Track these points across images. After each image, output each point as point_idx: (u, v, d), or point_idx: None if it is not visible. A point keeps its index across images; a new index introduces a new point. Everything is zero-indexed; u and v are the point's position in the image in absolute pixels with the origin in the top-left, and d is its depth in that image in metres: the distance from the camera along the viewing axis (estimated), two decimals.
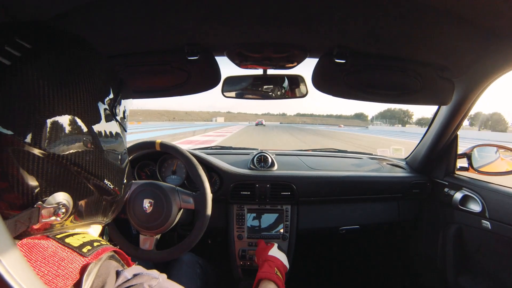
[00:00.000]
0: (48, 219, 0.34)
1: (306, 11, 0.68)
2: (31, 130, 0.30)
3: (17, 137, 0.30)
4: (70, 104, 0.34)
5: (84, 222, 0.41)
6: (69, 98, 0.34)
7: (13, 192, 0.31)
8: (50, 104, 0.32)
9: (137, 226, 0.90)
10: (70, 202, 0.36)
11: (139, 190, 0.91)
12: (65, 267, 0.32)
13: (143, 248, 0.93)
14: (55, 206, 0.34)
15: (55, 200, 0.34)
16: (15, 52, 0.30)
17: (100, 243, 0.38)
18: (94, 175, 0.38)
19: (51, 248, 0.33)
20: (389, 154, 1.86)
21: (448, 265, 1.23)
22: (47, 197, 0.33)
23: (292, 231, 1.27)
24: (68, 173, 0.35)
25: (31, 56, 0.31)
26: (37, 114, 0.31)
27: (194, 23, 0.75)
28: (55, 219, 0.34)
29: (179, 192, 0.94)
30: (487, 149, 1.26)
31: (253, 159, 1.37)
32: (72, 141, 0.34)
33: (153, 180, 0.95)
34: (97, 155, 0.38)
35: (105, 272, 0.35)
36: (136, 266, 0.40)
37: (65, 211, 0.35)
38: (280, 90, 1.01)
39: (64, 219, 0.36)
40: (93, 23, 0.71)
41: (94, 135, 0.37)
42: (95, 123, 0.37)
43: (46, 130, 0.31)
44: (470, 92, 1.01)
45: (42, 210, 0.33)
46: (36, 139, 0.31)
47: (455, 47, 0.81)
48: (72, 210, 0.37)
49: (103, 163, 0.39)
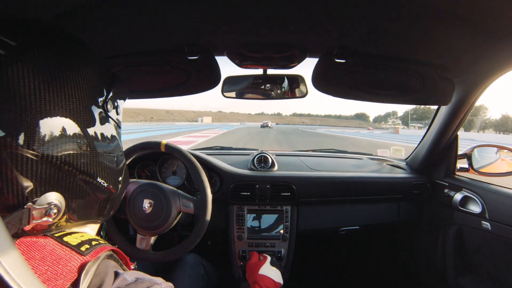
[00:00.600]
0: (40, 220, 0.33)
1: (306, 11, 0.68)
2: (21, 130, 0.30)
3: (6, 138, 0.29)
4: (61, 103, 0.33)
5: (79, 222, 0.40)
6: (59, 96, 0.33)
7: (2, 193, 0.30)
8: (38, 103, 0.31)
9: (135, 225, 0.90)
10: (62, 202, 0.35)
11: (140, 190, 0.91)
12: (63, 265, 0.32)
13: (139, 247, 0.93)
14: (46, 206, 0.33)
15: (46, 200, 0.33)
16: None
17: (98, 242, 0.38)
18: (86, 173, 0.37)
19: (49, 246, 0.33)
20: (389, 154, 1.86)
21: (448, 265, 1.22)
22: (38, 197, 0.32)
23: (292, 232, 1.27)
24: (59, 172, 0.34)
25: (17, 53, 0.30)
26: (26, 114, 0.30)
27: (194, 23, 0.75)
28: (47, 219, 0.33)
29: (180, 196, 0.94)
30: (488, 149, 1.26)
31: (253, 159, 1.37)
32: (63, 141, 0.33)
33: (155, 181, 0.95)
34: (90, 153, 0.37)
35: (103, 271, 0.35)
36: (137, 271, 0.39)
37: (57, 212, 0.34)
38: (280, 90, 1.01)
39: (57, 220, 0.35)
40: (93, 23, 0.71)
41: (86, 133, 0.36)
42: (88, 121, 0.37)
43: (36, 130, 0.31)
44: (470, 92, 1.01)
45: (33, 211, 0.32)
46: (26, 139, 0.30)
47: (455, 47, 0.81)
48: (65, 210, 0.36)
49: (97, 162, 0.38)
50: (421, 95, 0.94)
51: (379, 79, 0.92)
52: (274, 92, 1.01)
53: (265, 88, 1.01)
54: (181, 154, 0.99)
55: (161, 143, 1.00)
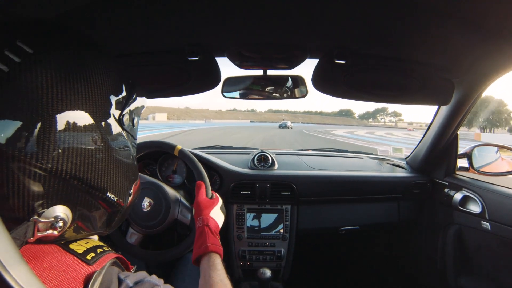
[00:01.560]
0: (45, 233, 0.32)
1: (307, 12, 0.68)
2: (28, 142, 0.29)
3: (15, 150, 0.29)
4: (71, 112, 0.32)
5: (86, 233, 0.39)
6: (71, 109, 0.32)
7: (9, 205, 0.30)
8: (48, 118, 0.30)
9: (130, 219, 0.91)
10: (69, 216, 0.34)
11: (143, 187, 0.92)
12: (70, 275, 0.32)
13: (128, 241, 0.93)
14: (52, 220, 0.32)
15: (53, 214, 0.32)
16: (14, 57, 0.29)
17: (103, 249, 0.38)
18: (96, 188, 0.36)
19: (55, 254, 0.33)
20: (389, 153, 1.86)
21: (448, 265, 1.23)
22: (45, 210, 0.32)
23: (292, 231, 1.27)
24: (67, 186, 0.33)
25: (31, 62, 0.30)
26: (34, 127, 0.29)
27: (194, 24, 0.75)
28: (52, 232, 0.33)
29: (181, 204, 0.94)
30: (488, 149, 1.25)
31: (254, 158, 1.38)
32: (72, 155, 0.32)
33: (160, 183, 0.95)
34: (101, 168, 0.36)
35: (108, 279, 0.35)
36: (137, 273, 0.39)
37: (62, 225, 0.33)
38: (280, 90, 1.02)
39: (62, 232, 0.34)
40: (93, 23, 0.71)
41: (97, 147, 0.35)
42: (100, 135, 0.35)
43: (46, 144, 0.30)
44: (470, 92, 1.01)
45: (38, 224, 0.32)
46: (34, 152, 0.29)
47: (455, 47, 0.81)
48: (72, 224, 0.35)
49: (107, 177, 0.37)
50: (421, 95, 0.94)
51: (379, 80, 0.92)
52: (274, 92, 1.02)
53: (265, 89, 1.02)
54: (192, 164, 0.97)
55: (176, 147, 0.99)
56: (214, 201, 0.82)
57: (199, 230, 0.71)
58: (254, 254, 1.25)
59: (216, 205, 0.81)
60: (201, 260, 0.64)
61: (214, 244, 0.67)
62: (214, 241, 0.68)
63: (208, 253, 0.64)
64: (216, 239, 0.70)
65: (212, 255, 0.64)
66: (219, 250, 0.66)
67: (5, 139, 0.28)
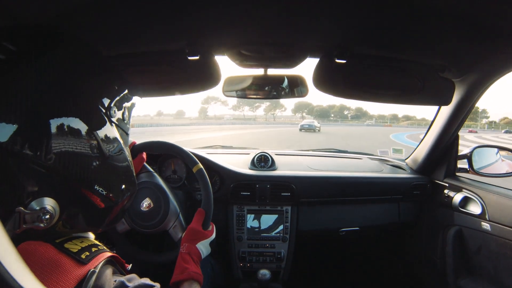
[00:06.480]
0: (31, 225, 0.32)
1: (307, 11, 0.68)
2: (15, 134, 0.29)
3: (1, 141, 0.29)
4: (62, 110, 0.32)
5: (77, 229, 0.39)
6: (61, 104, 0.32)
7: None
8: (39, 112, 0.31)
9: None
10: (56, 209, 0.34)
11: (146, 186, 0.91)
12: (64, 274, 0.32)
13: (116, 227, 0.93)
14: (37, 211, 0.32)
15: (39, 205, 0.32)
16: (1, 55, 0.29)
17: (97, 248, 0.38)
18: (82, 180, 0.36)
19: (49, 254, 0.33)
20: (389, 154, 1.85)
21: (448, 267, 1.22)
22: (30, 201, 0.32)
23: (292, 233, 1.27)
24: (53, 178, 0.33)
25: (25, 60, 0.30)
26: (23, 118, 0.30)
27: (195, 24, 0.75)
28: (38, 225, 0.32)
29: (177, 220, 0.92)
30: (488, 150, 1.25)
31: (254, 158, 1.37)
32: (59, 147, 0.32)
33: (165, 188, 0.93)
34: (87, 160, 0.36)
35: (102, 278, 0.35)
36: (130, 275, 0.39)
37: (49, 217, 0.33)
38: (280, 90, 1.02)
39: (50, 225, 0.34)
40: (94, 23, 0.71)
41: (84, 139, 0.35)
42: (88, 128, 0.36)
43: (32, 134, 0.30)
44: (471, 93, 1.01)
45: (24, 215, 0.31)
46: (21, 143, 0.30)
47: (456, 47, 0.81)
48: (60, 217, 0.35)
49: (94, 169, 0.37)
50: (422, 95, 0.94)
51: (380, 80, 0.92)
52: (274, 92, 1.02)
53: (265, 88, 1.01)
54: (205, 188, 0.93)
55: (197, 164, 0.95)
56: (207, 234, 0.83)
57: (183, 256, 0.74)
58: (254, 255, 1.24)
59: (207, 238, 0.83)
60: (180, 285, 0.67)
61: (196, 272, 0.70)
62: (197, 269, 0.71)
63: (189, 280, 0.68)
64: (198, 268, 0.73)
65: (193, 282, 0.68)
66: (200, 279, 0.70)
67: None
